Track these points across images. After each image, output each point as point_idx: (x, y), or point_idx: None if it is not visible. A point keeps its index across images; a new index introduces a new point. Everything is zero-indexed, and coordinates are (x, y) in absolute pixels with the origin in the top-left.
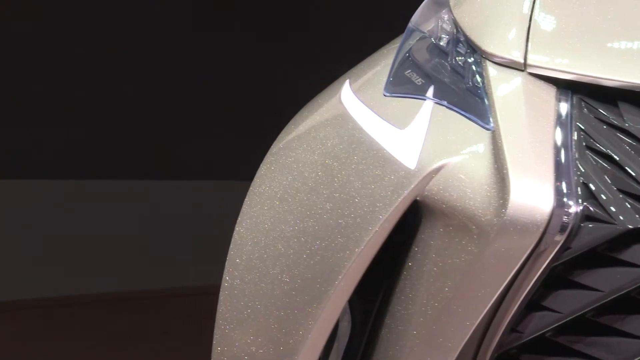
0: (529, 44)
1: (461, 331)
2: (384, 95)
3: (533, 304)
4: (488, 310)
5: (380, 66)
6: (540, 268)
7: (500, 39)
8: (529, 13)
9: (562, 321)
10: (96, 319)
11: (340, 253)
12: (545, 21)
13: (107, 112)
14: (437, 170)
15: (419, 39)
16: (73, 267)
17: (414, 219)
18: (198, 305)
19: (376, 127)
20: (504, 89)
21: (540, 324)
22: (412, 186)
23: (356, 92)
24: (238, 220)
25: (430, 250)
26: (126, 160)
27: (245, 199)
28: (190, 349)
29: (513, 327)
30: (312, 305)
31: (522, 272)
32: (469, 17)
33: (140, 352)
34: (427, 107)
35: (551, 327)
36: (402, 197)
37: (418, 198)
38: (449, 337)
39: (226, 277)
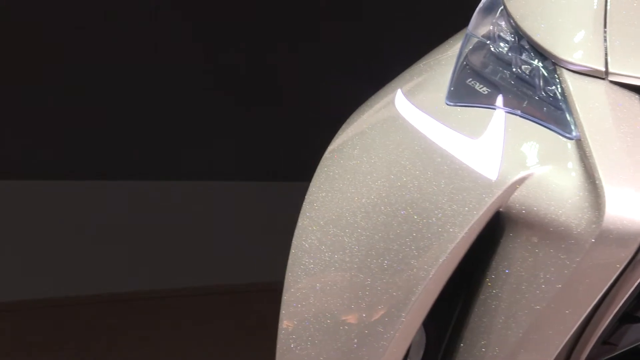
0: (608, 52)
1: (551, 345)
2: (447, 105)
3: (627, 316)
4: (580, 323)
5: (435, 74)
6: (636, 280)
7: (576, 47)
8: (603, 18)
9: None
10: (97, 320)
11: (416, 268)
12: (621, 26)
13: (111, 113)
14: (521, 180)
15: (477, 47)
16: (74, 267)
17: (494, 230)
18: (209, 305)
19: (445, 137)
20: (586, 97)
21: (634, 335)
22: (495, 197)
23: (413, 101)
24: (296, 233)
25: (515, 262)
26: (126, 160)
27: (302, 211)
28: (188, 350)
29: (605, 340)
30: (387, 322)
31: (617, 284)
32: (536, 23)
33: (143, 352)
34: (499, 117)
35: None
36: (484, 209)
37: (501, 209)
38: (537, 351)
39: (289, 289)
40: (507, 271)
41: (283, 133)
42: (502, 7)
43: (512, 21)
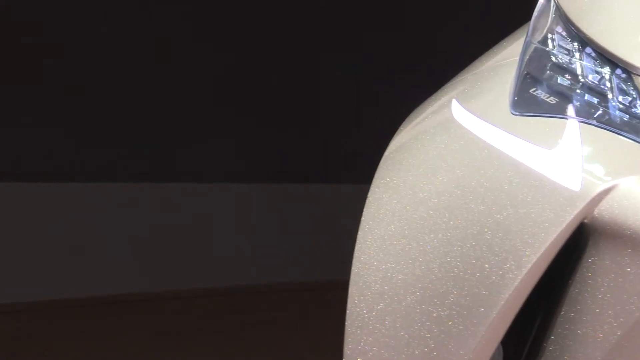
0: None
1: None
2: (513, 115)
3: None
4: None
5: (492, 82)
6: None
7: None
8: None
9: None
10: (97, 321)
11: (496, 282)
12: None
13: (111, 114)
14: (607, 191)
15: (538, 55)
16: (73, 269)
17: (576, 242)
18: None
19: (516, 147)
20: None
21: None
22: (580, 209)
23: (473, 110)
24: (357, 246)
25: (601, 275)
26: (127, 161)
27: (363, 223)
28: (189, 351)
29: None
30: (466, 337)
31: None
32: (603, 30)
33: (145, 353)
34: (573, 127)
35: None
36: (568, 221)
37: (585, 220)
38: None
39: (353, 299)
40: (593, 284)
41: (284, 134)
42: (553, 10)
43: (573, 27)
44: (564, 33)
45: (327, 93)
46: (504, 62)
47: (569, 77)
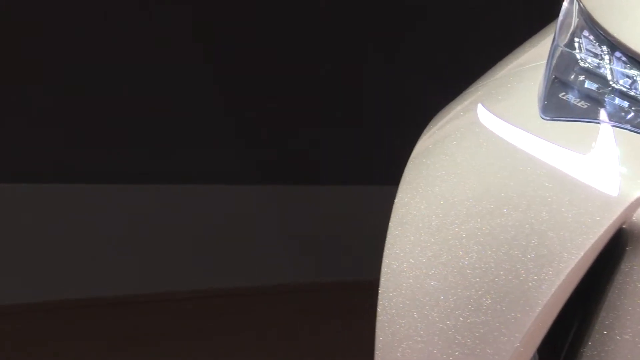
0: None
1: None
2: (543, 119)
3: None
4: None
5: (518, 87)
6: None
7: None
8: None
9: None
10: (101, 322)
11: (532, 288)
12: None
13: (116, 115)
14: None
15: (566, 59)
16: (71, 270)
17: (613, 248)
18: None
19: (549, 152)
20: None
21: None
22: (619, 214)
23: (500, 115)
24: (386, 252)
25: None
26: (127, 162)
27: (391, 228)
28: (190, 351)
29: None
30: (502, 346)
31: None
32: (635, 33)
33: (146, 354)
34: (607, 131)
35: None
36: (607, 226)
37: (624, 226)
38: None
39: (384, 306)
40: (630, 288)
41: (284, 135)
42: (577, 12)
43: (600, 31)
44: (591, 36)
45: (328, 93)
46: (528, 66)
47: (599, 81)
